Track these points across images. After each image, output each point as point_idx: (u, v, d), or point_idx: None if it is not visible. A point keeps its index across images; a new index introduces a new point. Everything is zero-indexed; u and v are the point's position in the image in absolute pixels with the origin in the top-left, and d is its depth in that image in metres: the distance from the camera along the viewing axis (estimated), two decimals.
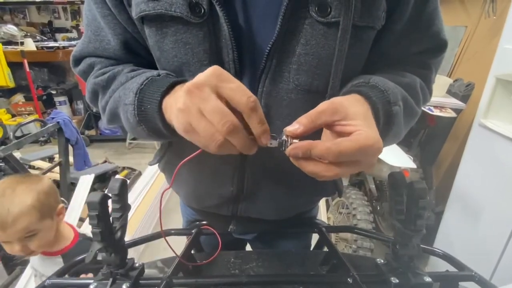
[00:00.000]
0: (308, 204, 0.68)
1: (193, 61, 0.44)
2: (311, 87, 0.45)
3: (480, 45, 1.81)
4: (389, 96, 0.40)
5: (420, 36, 0.49)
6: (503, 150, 1.18)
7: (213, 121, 0.32)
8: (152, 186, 2.30)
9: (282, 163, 0.46)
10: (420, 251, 0.43)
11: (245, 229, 0.66)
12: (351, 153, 0.33)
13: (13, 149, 1.59)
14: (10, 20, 3.97)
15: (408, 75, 0.49)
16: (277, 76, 0.44)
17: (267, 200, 0.58)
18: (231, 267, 0.57)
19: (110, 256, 0.43)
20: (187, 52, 0.43)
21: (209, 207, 0.62)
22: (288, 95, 0.45)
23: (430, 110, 1.59)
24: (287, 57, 0.43)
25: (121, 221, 0.44)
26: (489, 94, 1.23)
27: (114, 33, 0.48)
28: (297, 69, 0.44)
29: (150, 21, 0.43)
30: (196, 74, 0.41)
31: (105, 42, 0.49)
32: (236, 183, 0.54)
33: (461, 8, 2.00)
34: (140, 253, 1.87)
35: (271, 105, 0.46)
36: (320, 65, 0.43)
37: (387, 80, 0.43)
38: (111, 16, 0.47)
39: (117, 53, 0.49)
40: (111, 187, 0.43)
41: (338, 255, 0.52)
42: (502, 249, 1.17)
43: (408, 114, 0.46)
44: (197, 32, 0.42)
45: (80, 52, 0.52)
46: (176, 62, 0.44)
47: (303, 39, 0.42)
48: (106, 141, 3.71)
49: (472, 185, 1.36)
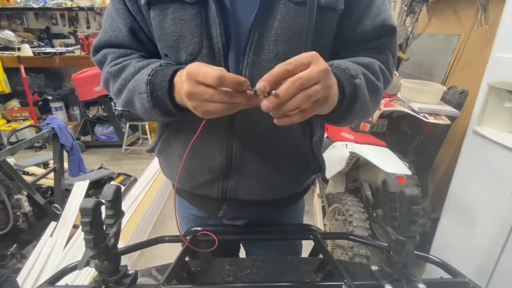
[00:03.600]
0: (294, 184, 0.71)
1: (187, 33, 0.53)
2: (287, 56, 0.49)
3: (473, 53, 1.84)
4: (350, 71, 0.49)
5: (372, 22, 0.58)
6: (497, 156, 1.19)
7: (212, 88, 0.41)
8: (147, 192, 2.29)
9: (265, 134, 0.59)
10: (414, 257, 0.43)
11: (236, 213, 0.68)
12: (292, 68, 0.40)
13: (7, 155, 1.57)
14: (8, 26, 3.98)
15: (367, 58, 0.57)
16: (259, 48, 0.53)
17: (255, 176, 0.62)
18: (225, 274, 0.57)
19: (103, 263, 0.43)
20: (182, 26, 0.52)
21: (200, 186, 0.65)
22: (269, 65, 0.53)
23: (425, 118, 1.60)
24: (267, 32, 0.52)
25: (114, 228, 0.44)
26: (482, 102, 1.25)
27: (124, 23, 0.58)
28: (275, 40, 0.53)
29: (154, 4, 0.53)
30: (189, 45, 0.54)
31: (117, 31, 0.59)
32: (225, 154, 0.60)
33: (454, 17, 2.04)
34: (135, 260, 1.84)
35: (254, 74, 0.54)
36: (293, 37, 0.53)
37: (347, 61, 0.53)
38: (123, 9, 0.58)
39: (125, 39, 0.59)
40: (104, 193, 0.42)
41: (333, 262, 0.52)
42: (497, 255, 1.17)
43: (371, 88, 0.53)
44: (191, 10, 0.51)
45: (98, 41, 0.62)
46: (174, 36, 0.53)
47: (279, 15, 0.52)
48: (102, 147, 3.69)
49: (467, 191, 1.37)
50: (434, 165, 1.99)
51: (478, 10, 1.74)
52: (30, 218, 1.76)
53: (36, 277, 1.44)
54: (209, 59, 0.53)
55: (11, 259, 1.64)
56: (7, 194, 1.64)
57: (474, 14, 1.82)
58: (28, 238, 1.78)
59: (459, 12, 2.01)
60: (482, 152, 1.26)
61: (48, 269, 1.49)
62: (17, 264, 1.64)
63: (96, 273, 0.45)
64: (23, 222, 1.76)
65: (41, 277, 1.45)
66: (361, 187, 1.88)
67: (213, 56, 0.53)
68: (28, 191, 1.69)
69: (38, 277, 1.44)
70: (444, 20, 2.12)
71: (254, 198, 0.65)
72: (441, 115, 1.63)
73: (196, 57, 0.53)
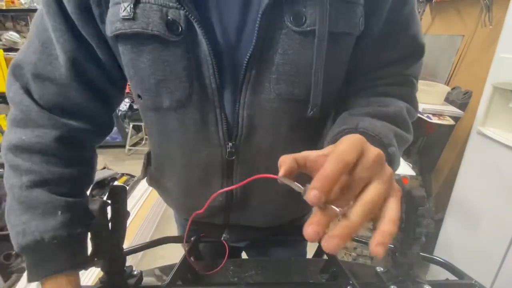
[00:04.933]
0: (299, 211, 0.68)
1: (171, 77, 0.43)
2: (292, 96, 0.45)
3: (477, 54, 1.83)
4: (382, 139, 0.39)
5: (397, 40, 0.49)
6: (501, 157, 1.18)
7: None
8: (151, 193, 2.29)
9: (267, 172, 0.42)
10: (420, 259, 0.43)
11: (239, 237, 0.66)
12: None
13: None
14: (12, 27, 4.00)
15: (392, 102, 0.47)
16: (257, 86, 0.44)
17: (257, 209, 0.58)
18: (229, 275, 0.57)
19: (108, 264, 0.43)
20: (165, 69, 0.42)
21: (201, 218, 0.62)
22: (270, 104, 0.45)
23: (428, 118, 1.60)
24: (266, 68, 0.43)
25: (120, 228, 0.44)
26: (487, 102, 1.24)
27: (63, 49, 0.44)
28: (276, 78, 0.43)
29: (125, 39, 0.42)
30: (175, 91, 0.43)
31: (53, 57, 0.45)
32: (225, 194, 0.54)
33: (458, 17, 2.03)
34: (138, 260, 1.85)
35: (253, 115, 0.46)
36: (299, 74, 0.43)
37: (374, 121, 0.42)
38: (62, 31, 0.43)
39: (62, 72, 0.44)
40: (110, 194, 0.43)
41: (337, 263, 0.52)
42: (502, 256, 1.16)
43: (401, 145, 0.45)
44: (175, 50, 0.41)
45: (21, 60, 0.46)
46: (153, 79, 0.43)
47: (280, 49, 0.42)
48: (106, 148, 3.70)
49: (471, 192, 1.36)
50: (437, 166, 1.98)
51: (482, 10, 1.73)
52: None
53: None
54: (200, 103, 0.45)
55: (16, 258, 1.65)
56: None
57: (478, 15, 1.81)
58: None
59: (462, 13, 2.00)
60: (486, 153, 1.26)
61: None
62: (21, 264, 1.65)
63: (101, 274, 0.45)
64: None
65: None
66: None
67: (206, 100, 0.45)
68: None
69: None
70: (447, 20, 2.11)
71: (257, 225, 0.62)
72: (444, 115, 1.63)
73: (185, 104, 0.44)
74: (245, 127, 0.47)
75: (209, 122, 0.46)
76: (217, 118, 0.46)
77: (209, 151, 0.49)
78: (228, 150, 0.48)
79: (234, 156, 0.49)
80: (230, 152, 0.49)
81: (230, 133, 0.48)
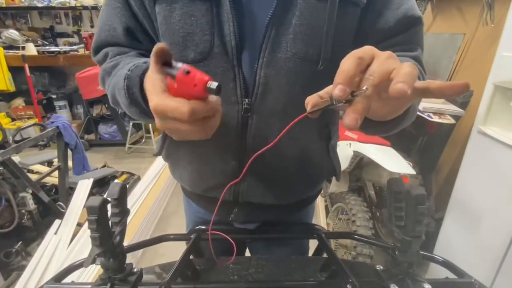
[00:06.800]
0: (307, 187, 0.69)
1: (197, 30, 0.49)
2: (306, 55, 0.50)
3: (478, 52, 1.82)
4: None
5: (394, 14, 0.53)
6: (502, 156, 1.18)
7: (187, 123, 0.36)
8: (151, 191, 2.30)
9: (281, 139, 0.45)
10: (420, 257, 0.43)
11: (246, 217, 0.66)
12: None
13: (12, 153, 1.58)
14: (12, 25, 4.00)
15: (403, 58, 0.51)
16: (276, 46, 0.49)
17: (268, 180, 0.60)
18: (230, 273, 0.57)
19: (109, 261, 0.43)
20: (192, 23, 0.48)
21: (211, 189, 0.64)
22: (286, 64, 0.50)
23: (429, 117, 1.60)
24: (285, 29, 0.49)
25: (120, 226, 0.44)
26: (488, 101, 1.24)
27: (119, 22, 0.55)
28: (293, 38, 0.49)
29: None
30: (199, 44, 0.49)
31: (113, 30, 0.56)
32: (238, 157, 0.57)
33: (459, 16, 2.03)
34: (139, 258, 1.85)
35: (270, 75, 0.51)
36: (313, 34, 0.49)
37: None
38: (119, 8, 0.55)
39: (121, 38, 0.56)
40: (110, 192, 0.43)
41: (337, 261, 0.52)
42: (502, 255, 1.16)
43: None
44: (201, 5, 0.48)
45: (95, 42, 0.59)
46: (181, 33, 0.49)
47: (298, 11, 0.48)
48: (106, 146, 3.71)
49: (471, 191, 1.36)
50: (438, 165, 1.98)
51: (483, 9, 1.72)
52: (34, 216, 1.78)
53: (41, 274, 1.45)
54: (220, 58, 0.50)
55: (16, 256, 1.66)
56: (12, 192, 1.66)
57: (479, 13, 1.80)
58: (32, 235, 1.80)
59: (464, 11, 2.00)
60: (487, 152, 1.25)
61: (53, 267, 1.50)
62: (22, 262, 1.66)
63: (101, 271, 0.45)
64: (28, 219, 1.78)
65: (46, 274, 1.46)
66: (364, 186, 1.87)
67: (225, 55, 0.50)
68: (32, 189, 1.71)
69: (42, 274, 1.45)
70: (449, 18, 2.11)
71: (266, 202, 0.63)
72: (445, 114, 1.62)
73: (207, 57, 0.50)
74: (262, 85, 0.51)
75: (228, 79, 0.51)
76: (236, 76, 0.51)
77: (226, 108, 0.52)
78: (244, 107, 0.53)
79: (249, 113, 0.53)
80: (246, 108, 0.53)
81: (247, 91, 0.52)
